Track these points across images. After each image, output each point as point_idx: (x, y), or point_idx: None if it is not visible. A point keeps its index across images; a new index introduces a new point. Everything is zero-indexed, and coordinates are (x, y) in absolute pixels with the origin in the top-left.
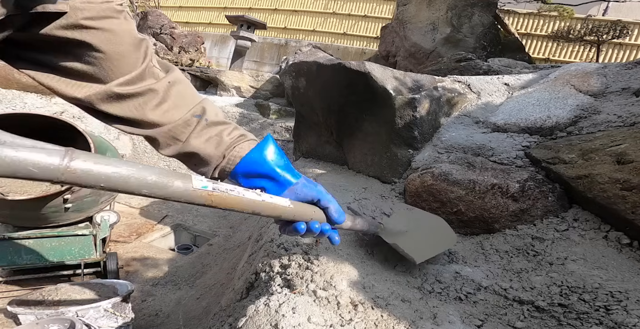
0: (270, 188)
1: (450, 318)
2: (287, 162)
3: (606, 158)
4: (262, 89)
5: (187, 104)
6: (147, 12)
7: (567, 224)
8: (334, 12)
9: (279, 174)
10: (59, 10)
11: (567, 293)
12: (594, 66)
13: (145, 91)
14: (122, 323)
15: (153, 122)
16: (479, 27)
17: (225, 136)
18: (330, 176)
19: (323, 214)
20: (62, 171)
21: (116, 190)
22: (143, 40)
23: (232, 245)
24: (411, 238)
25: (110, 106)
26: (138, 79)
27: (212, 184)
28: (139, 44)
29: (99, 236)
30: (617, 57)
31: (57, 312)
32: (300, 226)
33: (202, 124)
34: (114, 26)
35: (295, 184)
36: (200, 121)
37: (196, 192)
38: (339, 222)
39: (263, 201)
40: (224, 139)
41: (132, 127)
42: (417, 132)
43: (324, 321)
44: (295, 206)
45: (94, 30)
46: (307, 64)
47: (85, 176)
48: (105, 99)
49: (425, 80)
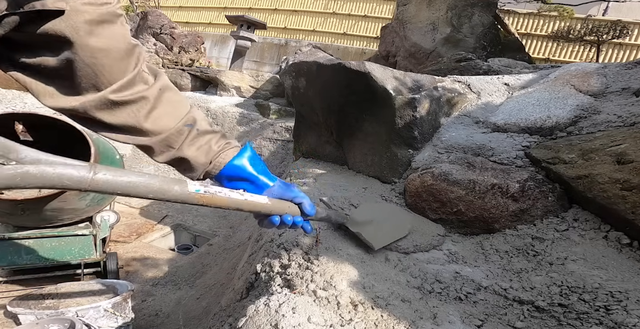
0: (250, 189)
1: (450, 318)
2: (264, 167)
3: (606, 158)
4: (262, 89)
5: (179, 112)
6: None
7: (567, 224)
8: (334, 12)
9: (258, 178)
10: (58, 8)
11: (567, 293)
12: (594, 66)
13: (138, 99)
14: (122, 323)
15: (147, 131)
16: (479, 27)
17: (213, 145)
18: (330, 176)
19: (297, 209)
20: (88, 183)
21: (129, 195)
22: (136, 46)
23: (232, 245)
24: (373, 227)
25: (106, 114)
26: (130, 85)
27: (203, 187)
28: (132, 50)
29: (99, 236)
30: (617, 57)
31: (57, 312)
32: (274, 218)
33: (194, 134)
34: (111, 31)
35: (272, 186)
36: (192, 130)
37: (191, 194)
38: (311, 214)
39: (245, 199)
40: (213, 148)
41: (127, 135)
42: (417, 132)
43: (324, 321)
44: (273, 202)
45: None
46: (307, 64)
47: (105, 185)
48: (100, 106)
49: (425, 81)
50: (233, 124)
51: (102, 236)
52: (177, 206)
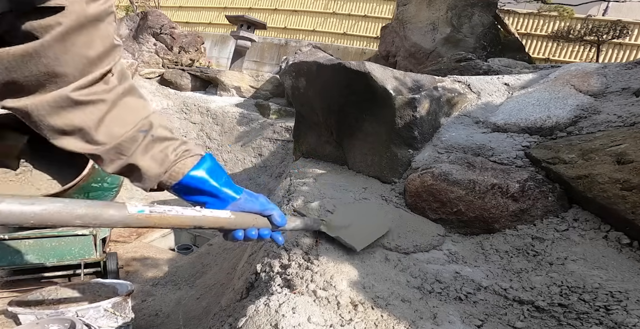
0: (213, 203)
1: (450, 318)
2: (228, 178)
3: (606, 158)
4: (262, 89)
5: (134, 118)
6: (147, 12)
7: (567, 224)
8: (334, 12)
9: (221, 191)
10: (59, 4)
11: (567, 293)
12: (594, 66)
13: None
14: (122, 323)
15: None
16: (479, 27)
17: (170, 153)
18: (330, 176)
19: (265, 221)
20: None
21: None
22: (117, 46)
23: (232, 245)
24: (352, 229)
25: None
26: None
27: (148, 207)
28: (110, 50)
29: (99, 236)
30: (617, 57)
31: (57, 312)
32: (237, 233)
33: (148, 140)
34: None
35: (239, 199)
36: (146, 136)
37: (133, 216)
38: (281, 225)
39: (203, 215)
40: (169, 157)
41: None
42: (417, 132)
43: (324, 321)
44: (237, 216)
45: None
46: (307, 64)
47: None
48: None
49: (425, 80)
50: (233, 124)
51: (102, 236)
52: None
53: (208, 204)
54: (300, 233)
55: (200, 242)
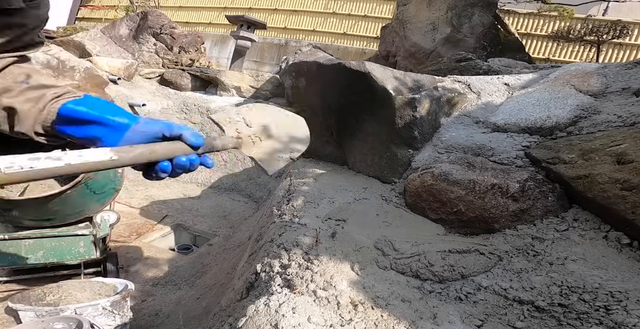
0: (106, 135)
1: (450, 318)
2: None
3: (606, 158)
4: (262, 89)
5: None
6: (147, 12)
7: (567, 224)
8: (334, 12)
9: (108, 118)
10: None
11: (567, 293)
12: (594, 66)
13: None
14: (120, 322)
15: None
16: (479, 27)
17: (48, 94)
18: (330, 176)
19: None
20: None
21: None
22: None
23: (232, 245)
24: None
25: None
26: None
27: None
28: None
29: (99, 236)
30: (617, 57)
31: (56, 309)
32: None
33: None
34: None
35: (136, 124)
36: (21, 85)
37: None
38: (199, 144)
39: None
40: (46, 96)
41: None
42: (417, 132)
43: (324, 321)
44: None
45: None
46: (307, 64)
47: None
48: None
49: (425, 80)
50: None
51: (102, 236)
52: (177, 206)
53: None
54: (300, 233)
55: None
